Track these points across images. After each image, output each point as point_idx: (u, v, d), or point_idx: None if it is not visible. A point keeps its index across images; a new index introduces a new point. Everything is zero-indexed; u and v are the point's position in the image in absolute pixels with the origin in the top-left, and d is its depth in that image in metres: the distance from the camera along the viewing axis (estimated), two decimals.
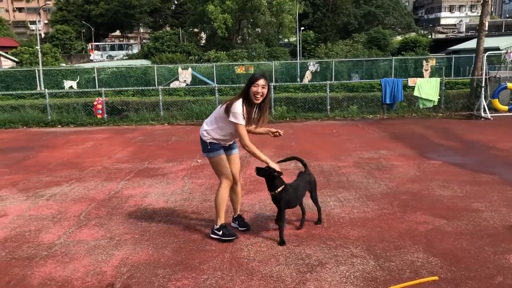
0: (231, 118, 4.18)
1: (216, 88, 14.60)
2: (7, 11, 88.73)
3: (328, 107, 13.91)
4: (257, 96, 4.17)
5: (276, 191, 4.40)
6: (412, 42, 37.57)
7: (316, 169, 7.12)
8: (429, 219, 4.84)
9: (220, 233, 4.41)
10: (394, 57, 28.08)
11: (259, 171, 4.48)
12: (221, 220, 4.45)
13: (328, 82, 14.62)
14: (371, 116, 13.64)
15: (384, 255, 4.00)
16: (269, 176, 4.43)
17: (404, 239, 4.32)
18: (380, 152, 8.34)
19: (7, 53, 42.83)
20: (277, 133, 4.68)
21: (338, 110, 14.15)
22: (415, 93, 13.54)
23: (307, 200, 4.85)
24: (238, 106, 4.17)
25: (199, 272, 3.78)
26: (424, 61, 25.44)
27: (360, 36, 40.09)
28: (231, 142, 4.59)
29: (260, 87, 4.15)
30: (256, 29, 46.33)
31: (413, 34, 47.46)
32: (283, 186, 4.42)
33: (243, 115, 4.18)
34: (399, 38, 46.40)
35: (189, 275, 3.72)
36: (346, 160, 7.75)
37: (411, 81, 13.87)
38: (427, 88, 13.45)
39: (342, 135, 10.49)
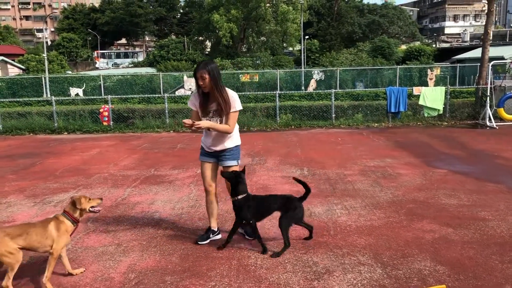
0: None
1: None
2: (14, 19, 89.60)
3: (333, 115, 13.94)
4: (201, 85, 4.20)
5: (236, 198, 4.29)
6: (417, 51, 37.63)
7: (322, 177, 7.14)
8: (436, 227, 4.84)
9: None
10: (398, 66, 28.15)
11: (224, 173, 4.39)
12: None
13: (333, 90, 14.67)
14: (376, 124, 13.65)
15: (391, 263, 4.00)
16: (233, 180, 4.32)
17: (411, 248, 4.32)
18: (385, 160, 8.34)
19: (14, 60, 43.19)
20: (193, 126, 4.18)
21: (343, 119, 14.18)
22: (420, 102, 13.56)
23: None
24: (191, 96, 4.46)
25: (207, 279, 3.79)
26: (429, 70, 25.48)
27: (364, 45, 40.23)
28: (216, 146, 4.44)
29: (199, 78, 4.16)
30: (261, 38, 46.57)
31: (417, 43, 47.58)
32: (245, 194, 4.29)
33: (193, 103, 4.38)
34: (403, 47, 46.47)
35: (197, 282, 3.74)
36: (352, 168, 7.76)
37: (416, 90, 13.90)
38: (432, 97, 13.47)
39: (347, 143, 10.50)
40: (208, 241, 4.55)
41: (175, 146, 10.70)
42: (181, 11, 73.40)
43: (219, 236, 4.65)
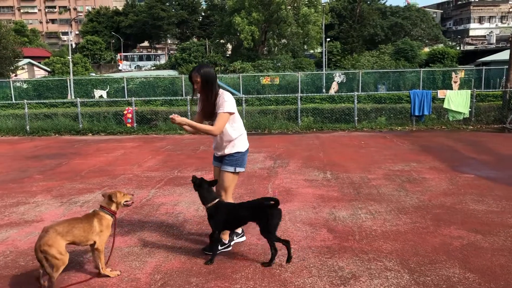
0: None
1: (244, 99, 14.69)
2: (40, 22, 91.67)
3: (356, 118, 13.83)
4: (195, 88, 4.24)
5: (207, 206, 4.18)
6: (440, 54, 37.13)
7: (345, 181, 7.08)
8: (464, 233, 4.75)
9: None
10: (422, 69, 27.77)
11: (192, 177, 4.31)
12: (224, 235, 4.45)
13: (356, 93, 14.55)
14: (399, 128, 13.49)
15: (419, 269, 3.94)
16: (194, 186, 4.24)
17: (439, 254, 4.25)
18: (410, 164, 8.23)
19: (40, 63, 44.17)
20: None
21: (366, 121, 14.05)
22: (445, 106, 13.34)
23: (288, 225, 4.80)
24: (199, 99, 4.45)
25: (232, 281, 3.79)
26: (453, 73, 25.07)
27: (387, 47, 39.86)
28: (219, 151, 4.41)
29: (194, 82, 4.20)
30: (282, 40, 46.56)
31: (441, 46, 46.91)
32: (214, 202, 4.16)
33: (198, 106, 4.43)
34: (426, 49, 45.90)
35: (222, 284, 3.74)
36: (376, 172, 7.68)
37: (440, 93, 13.68)
38: (457, 100, 13.24)
39: (371, 146, 10.40)
40: (216, 252, 4.30)
41: (197, 148, 10.76)
42: (203, 14, 73.96)
43: (229, 249, 4.45)
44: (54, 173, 8.24)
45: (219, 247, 4.39)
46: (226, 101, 4.17)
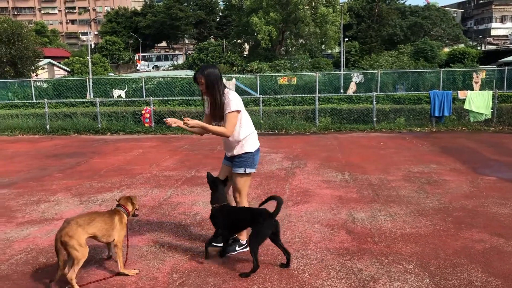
0: None
1: (261, 99, 14.67)
2: (60, 23, 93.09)
3: (374, 119, 13.69)
4: (201, 90, 4.24)
5: (213, 206, 4.20)
6: (461, 54, 36.58)
7: (364, 182, 7.01)
8: (486, 237, 4.65)
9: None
10: (442, 69, 27.37)
11: (207, 175, 4.36)
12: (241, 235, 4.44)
13: (375, 93, 14.41)
14: (419, 129, 13.31)
15: (440, 272, 3.87)
16: (209, 186, 4.27)
17: (460, 257, 4.17)
18: (430, 166, 8.10)
19: (59, 62, 44.85)
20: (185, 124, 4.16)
21: (385, 122, 13.90)
22: (466, 106, 13.13)
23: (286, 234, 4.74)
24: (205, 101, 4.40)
25: (250, 282, 3.77)
26: (474, 74, 24.61)
27: (406, 47, 39.42)
28: (229, 152, 4.37)
29: (199, 83, 4.20)
30: (300, 40, 46.43)
31: (461, 46, 46.22)
32: (221, 204, 4.16)
33: (206, 107, 4.40)
34: (446, 49, 45.26)
35: (240, 285, 3.73)
36: (395, 173, 7.58)
37: (461, 94, 13.46)
38: (479, 101, 13.01)
39: (390, 147, 10.28)
40: (234, 253, 4.36)
41: (214, 148, 10.78)
42: (220, 14, 74.23)
43: (247, 249, 4.35)
44: (73, 172, 8.33)
45: (237, 248, 4.38)
46: (231, 100, 4.12)
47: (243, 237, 4.43)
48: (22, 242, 4.79)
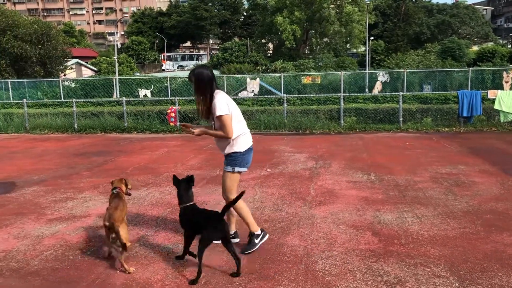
0: None
1: (285, 98, 14.64)
2: (88, 23, 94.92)
3: (401, 119, 13.49)
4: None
5: (180, 206, 4.18)
6: (490, 52, 35.72)
7: (390, 183, 6.91)
8: None
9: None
10: (470, 68, 26.77)
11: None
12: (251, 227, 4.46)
13: (401, 93, 14.19)
14: (446, 129, 13.05)
15: (469, 277, 3.78)
16: (176, 185, 4.23)
17: (491, 261, 4.06)
18: (458, 167, 7.93)
19: (87, 62, 45.72)
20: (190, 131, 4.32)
21: (411, 122, 13.67)
22: (496, 106, 12.80)
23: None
24: None
25: (275, 282, 3.76)
26: (504, 73, 24.00)
27: (433, 46, 38.71)
28: (221, 151, 4.45)
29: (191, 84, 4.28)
30: (324, 39, 46.12)
31: (490, 44, 45.11)
32: (187, 204, 4.12)
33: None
34: (475, 48, 44.27)
35: (265, 285, 3.72)
36: (422, 174, 7.45)
37: (491, 94, 13.14)
38: (509, 101, 12.67)
39: (416, 148, 10.11)
40: (257, 247, 4.40)
41: None
42: (245, 14, 74.39)
43: (266, 236, 4.54)
44: (100, 170, 8.48)
45: (256, 241, 4.41)
46: (217, 104, 4.15)
47: (255, 227, 4.46)
48: (52, 239, 4.90)
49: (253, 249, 4.38)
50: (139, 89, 26.38)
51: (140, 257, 4.33)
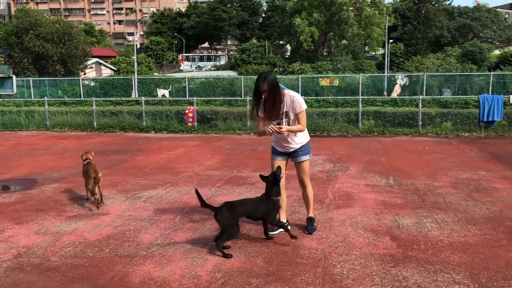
0: None
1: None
2: (108, 23, 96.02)
3: (420, 123, 13.33)
4: (264, 96, 4.63)
5: (276, 198, 4.66)
6: None
7: (409, 188, 6.83)
8: None
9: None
10: (492, 72, 26.33)
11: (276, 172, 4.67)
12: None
13: (421, 96, 14.03)
14: (466, 134, 12.86)
15: (491, 285, 3.71)
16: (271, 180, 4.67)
17: None
18: (479, 173, 7.81)
19: (106, 62, 46.28)
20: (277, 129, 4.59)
21: (431, 126, 13.50)
22: None
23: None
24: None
25: (292, 285, 3.75)
26: None
27: (453, 49, 38.20)
28: (289, 146, 4.82)
29: (262, 91, 4.56)
30: (343, 41, 45.87)
31: None
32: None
33: (261, 109, 4.73)
34: (497, 52, 43.53)
35: (282, 287, 3.70)
36: (442, 179, 7.35)
37: None
38: None
39: (436, 152, 9.98)
40: (277, 231, 4.83)
41: (256, 148, 10.81)
42: (263, 15, 74.44)
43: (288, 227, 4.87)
44: (119, 169, 8.56)
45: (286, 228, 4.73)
46: (300, 100, 4.67)
47: (284, 216, 5.06)
48: (71, 236, 4.96)
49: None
50: (157, 89, 26.55)
51: (157, 256, 4.36)
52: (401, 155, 9.79)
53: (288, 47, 55.61)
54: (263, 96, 4.63)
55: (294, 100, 4.65)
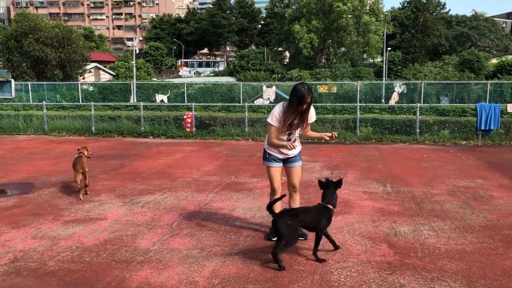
0: (267, 119, 4.75)
1: None
2: (107, 28, 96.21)
3: (417, 131, 13.37)
4: (306, 107, 4.62)
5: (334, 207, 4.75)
6: (510, 66, 35.26)
7: (406, 195, 6.84)
8: None
9: None
10: (490, 81, 26.45)
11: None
12: None
13: (419, 104, 14.09)
14: (464, 142, 12.91)
15: None
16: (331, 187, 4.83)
17: (510, 278, 3.99)
18: (476, 181, 7.83)
19: (105, 67, 46.29)
20: (333, 136, 4.93)
21: (428, 134, 13.55)
22: None
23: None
24: (276, 108, 4.73)
25: None
26: None
27: (451, 58, 38.38)
28: (288, 155, 4.89)
29: (307, 103, 4.57)
30: (341, 49, 46.06)
31: (510, 57, 44.55)
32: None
33: (277, 117, 4.65)
34: (494, 61, 43.75)
35: None
36: (439, 187, 7.37)
37: (510, 107, 13.00)
38: None
39: (433, 160, 10.01)
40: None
41: (254, 154, 10.82)
42: (262, 22, 74.74)
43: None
44: (117, 174, 8.56)
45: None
46: (313, 110, 4.82)
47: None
48: (68, 240, 4.95)
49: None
50: (156, 94, 26.57)
51: (155, 261, 4.35)
52: (399, 162, 9.81)
53: (287, 53, 55.82)
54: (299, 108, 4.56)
55: (312, 111, 4.81)
